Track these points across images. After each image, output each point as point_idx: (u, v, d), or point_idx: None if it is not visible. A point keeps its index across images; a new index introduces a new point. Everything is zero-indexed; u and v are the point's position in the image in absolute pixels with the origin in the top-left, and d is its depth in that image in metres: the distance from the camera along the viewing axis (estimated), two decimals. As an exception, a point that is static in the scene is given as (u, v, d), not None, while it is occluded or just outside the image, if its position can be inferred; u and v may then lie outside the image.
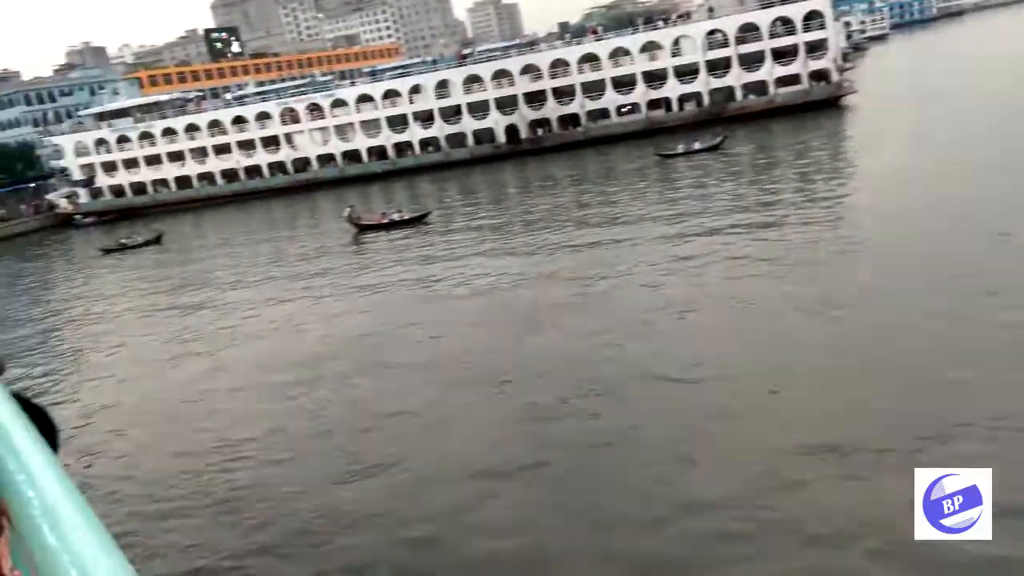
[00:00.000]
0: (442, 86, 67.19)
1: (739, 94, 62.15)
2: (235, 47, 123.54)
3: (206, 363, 22.77)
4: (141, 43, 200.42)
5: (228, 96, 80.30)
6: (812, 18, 60.59)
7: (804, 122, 54.82)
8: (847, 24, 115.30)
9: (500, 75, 66.14)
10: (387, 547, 11.79)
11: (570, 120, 65.45)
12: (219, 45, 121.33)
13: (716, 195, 35.86)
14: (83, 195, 71.02)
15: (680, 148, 48.72)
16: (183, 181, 70.64)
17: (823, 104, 59.14)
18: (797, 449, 12.36)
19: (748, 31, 61.55)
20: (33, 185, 75.14)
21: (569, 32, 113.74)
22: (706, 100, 62.65)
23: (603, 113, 64.72)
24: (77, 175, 71.09)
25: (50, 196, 72.39)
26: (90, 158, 71.06)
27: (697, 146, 48.62)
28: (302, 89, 75.10)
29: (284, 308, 28.08)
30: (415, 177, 64.40)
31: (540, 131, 65.80)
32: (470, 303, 24.56)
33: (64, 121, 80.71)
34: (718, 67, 62.19)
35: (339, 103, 68.71)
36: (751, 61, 61.63)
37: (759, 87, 61.94)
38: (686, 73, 62.80)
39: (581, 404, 15.52)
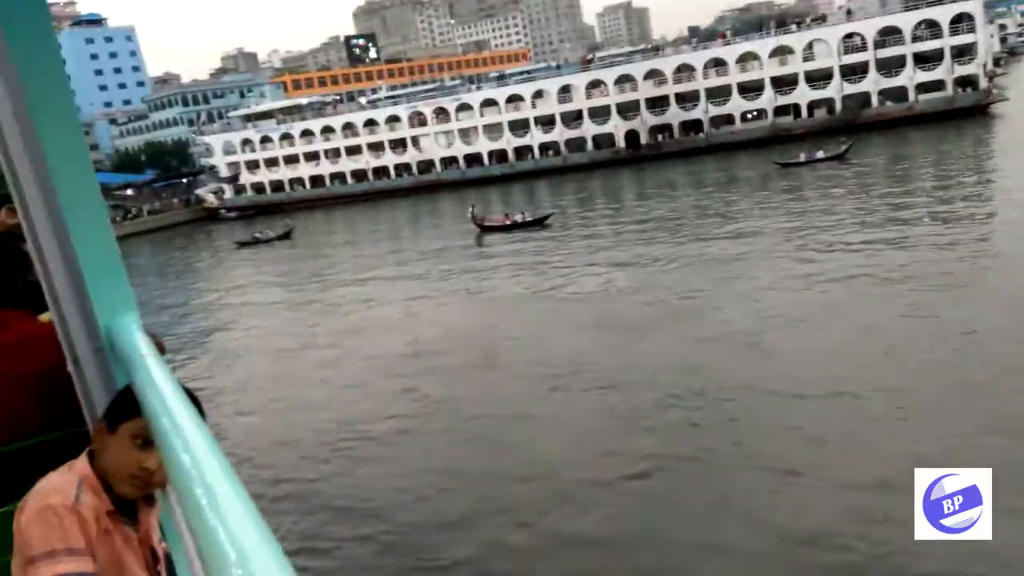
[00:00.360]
0: (565, 91, 67.78)
1: (875, 100, 59.15)
2: (372, 53, 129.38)
3: (326, 353, 24.09)
4: (288, 49, 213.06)
5: (362, 100, 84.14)
6: (960, 21, 56.84)
7: (946, 131, 51.55)
8: (1002, 27, 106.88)
9: (623, 80, 66.00)
10: (478, 548, 11.96)
11: (692, 126, 64.42)
12: (357, 51, 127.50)
13: (838, 207, 34.42)
14: (228, 191, 76.46)
15: (802, 157, 47.04)
16: (317, 180, 74.73)
17: (969, 112, 55.42)
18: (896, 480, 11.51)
19: (888, 35, 58.50)
20: (185, 180, 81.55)
21: (698, 36, 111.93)
22: (838, 106, 60.04)
23: (727, 119, 63.31)
24: (224, 172, 76.63)
25: (199, 191, 78.34)
26: (235, 157, 76.44)
27: (820, 155, 46.78)
28: (430, 93, 77.74)
29: (403, 304, 29.21)
30: (533, 181, 65.29)
31: (661, 137, 65.13)
32: (582, 307, 24.73)
33: (215, 122, 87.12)
34: (854, 72, 59.45)
35: (464, 107, 70.63)
36: (891, 66, 58.49)
37: (898, 93, 58.70)
38: (818, 78, 60.41)
39: (685, 414, 15.36)
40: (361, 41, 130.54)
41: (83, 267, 1.50)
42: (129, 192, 79.27)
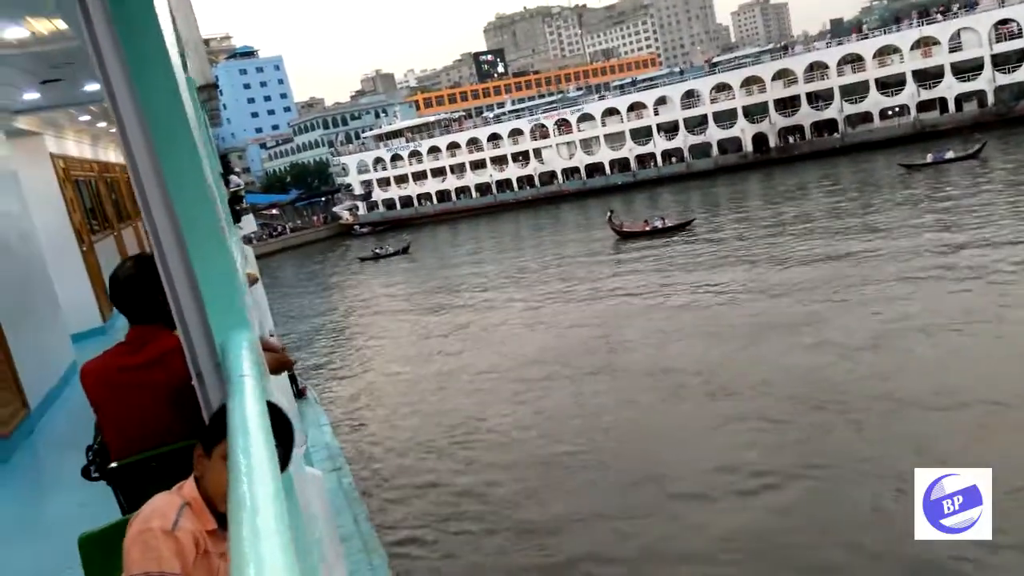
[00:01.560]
0: (688, 96, 66.34)
1: (1033, 90, 53.95)
2: (499, 68, 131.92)
3: (445, 362, 24.95)
4: (423, 68, 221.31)
5: (488, 115, 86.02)
6: None
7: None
8: None
9: (750, 82, 63.76)
10: (582, 550, 12.01)
11: (826, 126, 61.24)
12: (485, 67, 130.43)
13: (968, 211, 31.58)
14: (361, 208, 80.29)
15: (929, 158, 43.62)
16: (443, 195, 77.05)
17: None
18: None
19: (1048, 17, 53.23)
20: (323, 199, 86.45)
21: (841, 30, 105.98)
22: (990, 99, 55.18)
23: (865, 117, 59.74)
24: (358, 190, 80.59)
25: (335, 208, 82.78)
26: (368, 175, 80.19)
27: (950, 155, 43.19)
28: (552, 105, 78.32)
29: (522, 313, 29.83)
30: (656, 188, 64.28)
31: (792, 139, 62.35)
32: (713, 313, 24.25)
33: (352, 143, 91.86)
34: (1007, 61, 54.48)
35: (586, 117, 70.65)
36: (1051, 51, 53.19)
37: (1060, 82, 53.26)
38: (966, 70, 55.81)
39: (805, 420, 14.79)
40: (489, 57, 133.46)
41: (201, 285, 1.58)
42: (275, 211, 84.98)
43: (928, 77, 57.11)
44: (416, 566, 12.31)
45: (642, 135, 67.90)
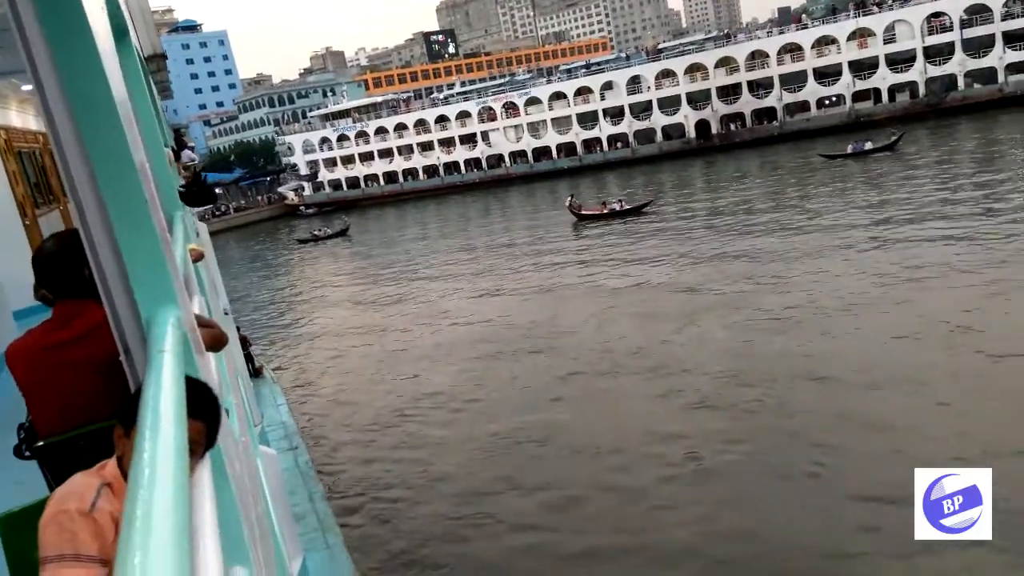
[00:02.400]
0: (634, 82, 67.08)
1: (962, 82, 56.00)
2: (451, 48, 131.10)
3: (388, 342, 25.26)
4: (375, 47, 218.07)
5: (437, 96, 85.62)
6: (1057, -6, 53.11)
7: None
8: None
9: (693, 69, 64.78)
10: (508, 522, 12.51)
11: (766, 114, 62.65)
12: (436, 47, 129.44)
13: (878, 202, 32.98)
14: (307, 188, 79.38)
15: (849, 148, 45.28)
16: (390, 176, 76.68)
17: (1065, 93, 51.75)
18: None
19: (976, 13, 55.20)
20: (269, 178, 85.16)
21: (789, 17, 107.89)
22: (922, 90, 57.15)
23: (803, 106, 61.30)
24: (303, 170, 79.62)
25: (281, 189, 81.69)
26: (314, 155, 79.27)
27: (868, 146, 44.93)
28: (500, 88, 78.39)
29: (468, 294, 30.36)
30: (602, 173, 65.04)
31: (733, 126, 63.63)
32: (653, 294, 24.95)
33: (299, 121, 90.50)
34: (939, 54, 56.42)
35: (533, 101, 70.93)
36: (978, 46, 55.22)
37: (987, 75, 55.38)
38: (900, 62, 57.65)
39: (735, 396, 15.53)
40: (440, 37, 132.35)
41: (126, 259, 1.54)
42: (218, 191, 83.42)
43: (863, 68, 58.80)
44: (370, 543, 12.60)
45: (589, 120, 68.49)
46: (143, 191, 1.54)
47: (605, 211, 41.16)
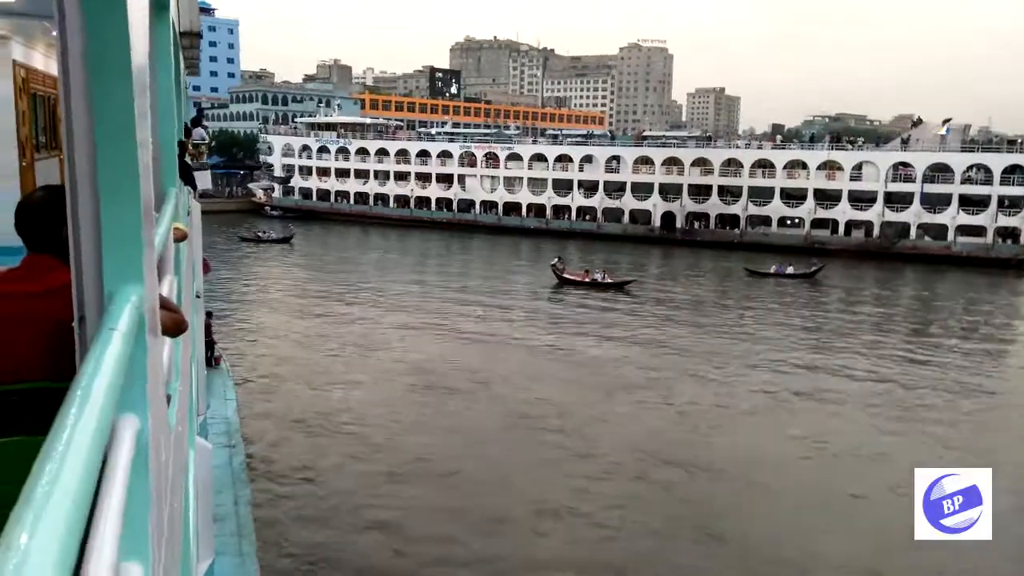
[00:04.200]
0: (613, 161, 68.98)
1: (914, 232, 58.66)
2: (453, 88, 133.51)
3: (321, 359, 26.24)
4: (383, 69, 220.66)
5: (423, 131, 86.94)
6: (1013, 172, 56.28)
7: (975, 278, 50.74)
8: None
9: (671, 162, 66.89)
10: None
11: (729, 220, 64.72)
12: (439, 84, 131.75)
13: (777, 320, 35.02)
14: (277, 190, 79.49)
15: (772, 269, 47.34)
16: (361, 197, 77.23)
17: (1005, 264, 54.43)
18: None
19: (939, 171, 58.20)
20: (242, 172, 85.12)
21: (782, 134, 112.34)
22: (876, 231, 59.66)
23: (765, 221, 63.43)
24: (278, 172, 79.84)
25: (251, 185, 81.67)
26: (292, 160, 79.65)
27: (790, 270, 47.12)
28: (486, 137, 79.91)
29: (412, 326, 31.66)
30: (565, 240, 66.17)
31: (697, 224, 65.55)
32: (585, 365, 26.53)
33: (287, 124, 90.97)
34: (897, 201, 59.18)
35: (514, 157, 72.43)
36: (935, 202, 58.06)
37: (938, 230, 58.13)
38: (861, 200, 60.29)
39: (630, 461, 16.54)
40: (445, 75, 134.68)
41: (104, 226, 1.50)
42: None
43: (827, 198, 61.28)
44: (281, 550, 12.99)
45: (563, 187, 70.03)
46: (138, 161, 1.51)
47: (587, 279, 42.07)
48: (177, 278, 3.58)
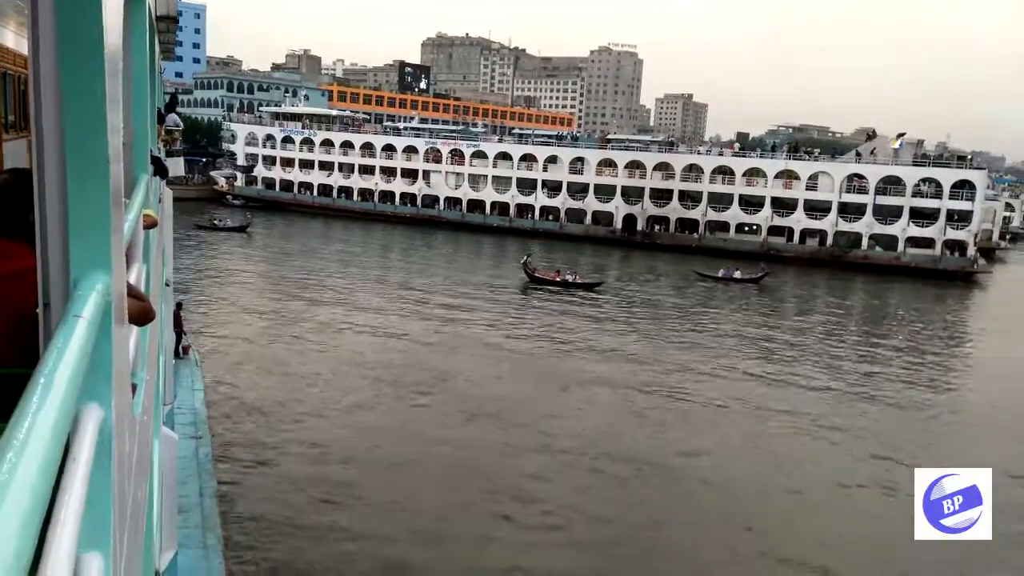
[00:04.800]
0: (577, 162, 69.62)
1: (865, 243, 60.26)
2: (423, 84, 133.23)
3: (278, 348, 26.57)
4: (354, 61, 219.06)
5: (389, 125, 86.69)
6: (963, 187, 58.14)
7: (920, 288, 52.39)
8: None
9: (633, 166, 67.75)
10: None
11: (689, 225, 65.74)
12: (409, 79, 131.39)
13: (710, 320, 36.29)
14: (240, 179, 78.71)
15: (720, 273, 48.59)
16: (325, 189, 76.86)
17: (952, 276, 56.23)
18: None
19: (891, 183, 59.88)
20: (204, 160, 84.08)
21: (746, 143, 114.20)
22: (830, 240, 61.16)
23: (723, 226, 64.57)
24: (241, 161, 79.05)
25: (213, 173, 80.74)
26: (255, 149, 78.94)
27: (737, 275, 48.40)
28: (452, 134, 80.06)
29: (370, 320, 32.03)
30: (528, 239, 66.60)
31: (657, 228, 66.48)
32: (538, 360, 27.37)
33: (253, 112, 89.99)
34: (850, 211, 60.73)
35: (480, 154, 72.69)
36: (887, 214, 59.72)
37: (889, 241, 59.79)
38: (816, 209, 61.73)
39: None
40: (414, 71, 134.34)
41: (71, 211, 1.46)
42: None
43: (784, 206, 62.64)
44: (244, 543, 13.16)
45: (527, 186, 70.50)
46: (107, 146, 1.48)
47: (557, 279, 42.56)
48: (146, 266, 3.55)
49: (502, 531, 14.44)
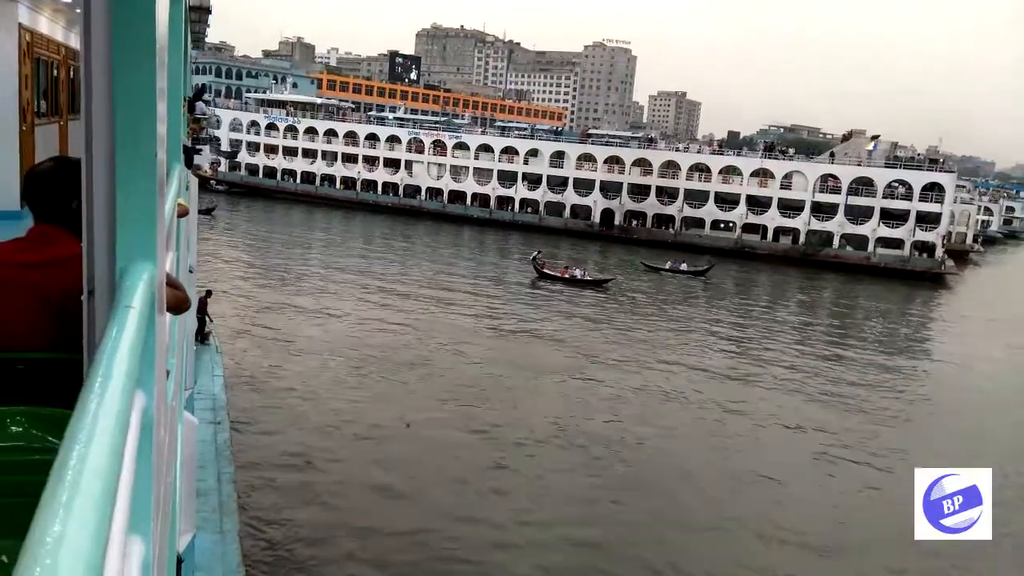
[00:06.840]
0: (557, 156, 70.32)
1: (837, 242, 61.19)
2: (413, 74, 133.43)
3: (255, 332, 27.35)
4: (348, 51, 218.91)
5: (373, 114, 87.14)
6: (932, 189, 59.11)
7: (891, 288, 53.30)
8: (1010, 209, 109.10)
9: (612, 160, 68.49)
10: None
11: (665, 220, 66.57)
12: (399, 69, 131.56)
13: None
14: (224, 165, 79.04)
15: (668, 265, 49.53)
16: (308, 176, 77.39)
17: (919, 276, 57.21)
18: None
19: (863, 184, 60.79)
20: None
21: (738, 141, 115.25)
22: (802, 238, 62.07)
23: (699, 223, 65.40)
24: (225, 146, 79.24)
25: (196, 159, 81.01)
26: (240, 135, 79.33)
27: (683, 267, 49.35)
28: (435, 125, 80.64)
29: (355, 306, 32.96)
30: (508, 231, 67.36)
31: (635, 222, 67.28)
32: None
33: (239, 98, 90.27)
34: (823, 211, 61.63)
35: (462, 146, 73.32)
36: (858, 214, 60.65)
37: (859, 241, 60.73)
38: (790, 208, 62.61)
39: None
40: (405, 61, 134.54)
41: (119, 200, 1.47)
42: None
43: (758, 204, 63.50)
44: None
45: (508, 179, 71.18)
46: (155, 137, 1.48)
47: (566, 275, 43.23)
48: (177, 254, 3.51)
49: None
